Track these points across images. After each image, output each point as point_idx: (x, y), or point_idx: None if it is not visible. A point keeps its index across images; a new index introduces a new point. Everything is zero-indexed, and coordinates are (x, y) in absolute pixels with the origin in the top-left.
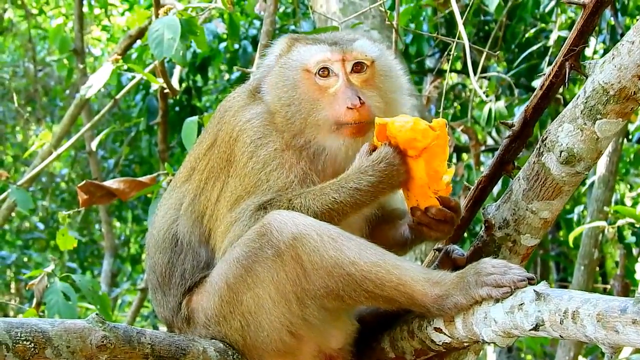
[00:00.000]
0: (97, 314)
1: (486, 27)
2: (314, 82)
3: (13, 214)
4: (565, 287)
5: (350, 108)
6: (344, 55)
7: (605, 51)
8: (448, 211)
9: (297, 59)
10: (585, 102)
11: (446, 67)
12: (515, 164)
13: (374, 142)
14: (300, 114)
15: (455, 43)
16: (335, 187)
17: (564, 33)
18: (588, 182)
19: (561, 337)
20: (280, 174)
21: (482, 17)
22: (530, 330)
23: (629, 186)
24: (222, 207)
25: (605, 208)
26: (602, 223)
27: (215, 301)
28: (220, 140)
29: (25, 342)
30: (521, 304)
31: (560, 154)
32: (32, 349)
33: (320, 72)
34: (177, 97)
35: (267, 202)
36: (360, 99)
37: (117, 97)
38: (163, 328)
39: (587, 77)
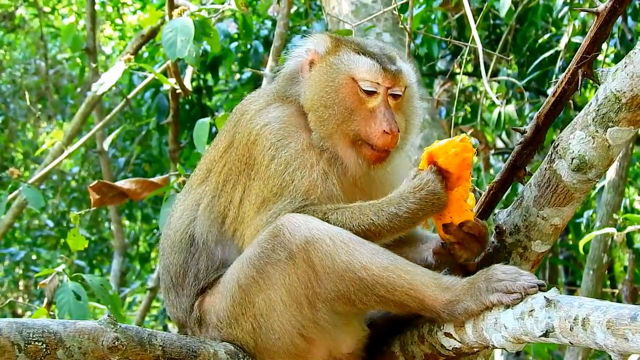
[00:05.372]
0: (109, 315)
1: (497, 31)
2: (357, 92)
3: (23, 211)
4: (574, 290)
5: (387, 133)
6: (393, 83)
7: (616, 55)
8: (482, 226)
9: (347, 64)
10: (597, 110)
11: (458, 70)
12: (527, 170)
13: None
14: (335, 119)
15: (467, 47)
16: (375, 209)
17: (575, 39)
18: (597, 186)
19: (571, 343)
20: (304, 173)
21: (492, 21)
22: (540, 336)
23: (639, 190)
24: (249, 210)
25: (615, 215)
26: (612, 230)
27: (227, 302)
28: (237, 142)
29: (37, 343)
30: (531, 310)
31: (572, 161)
32: (44, 350)
33: (366, 88)
34: (189, 96)
35: (302, 210)
36: (395, 123)
37: (129, 96)
38: (173, 328)
39: (599, 85)
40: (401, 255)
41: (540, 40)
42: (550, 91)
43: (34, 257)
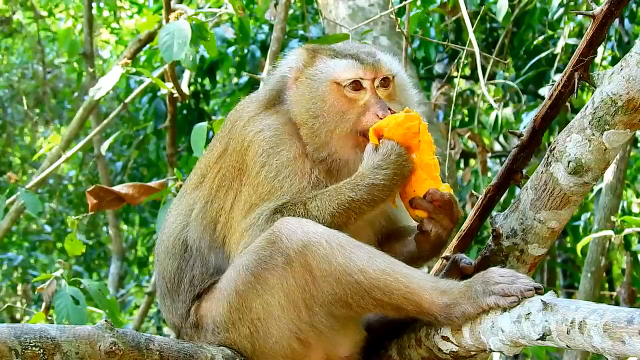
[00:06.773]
0: (106, 320)
1: (494, 34)
2: (343, 94)
3: (20, 216)
4: (572, 293)
5: (381, 118)
6: (375, 73)
7: (613, 58)
8: (445, 194)
9: (326, 71)
10: (594, 113)
11: (455, 73)
12: (524, 173)
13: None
14: (328, 126)
15: (465, 50)
16: (350, 186)
17: (572, 41)
18: (595, 189)
19: (568, 347)
20: (294, 180)
21: (489, 25)
22: (537, 339)
23: (636, 193)
24: (237, 215)
25: (613, 218)
26: (609, 232)
27: (224, 308)
28: (231, 149)
29: (34, 348)
30: (528, 314)
31: (568, 164)
32: (42, 355)
33: (351, 86)
34: (186, 101)
35: (282, 206)
36: (390, 109)
37: (126, 101)
38: (167, 329)
39: (596, 88)
40: (392, 251)
41: (535, 42)
42: (546, 93)
43: (32, 261)
